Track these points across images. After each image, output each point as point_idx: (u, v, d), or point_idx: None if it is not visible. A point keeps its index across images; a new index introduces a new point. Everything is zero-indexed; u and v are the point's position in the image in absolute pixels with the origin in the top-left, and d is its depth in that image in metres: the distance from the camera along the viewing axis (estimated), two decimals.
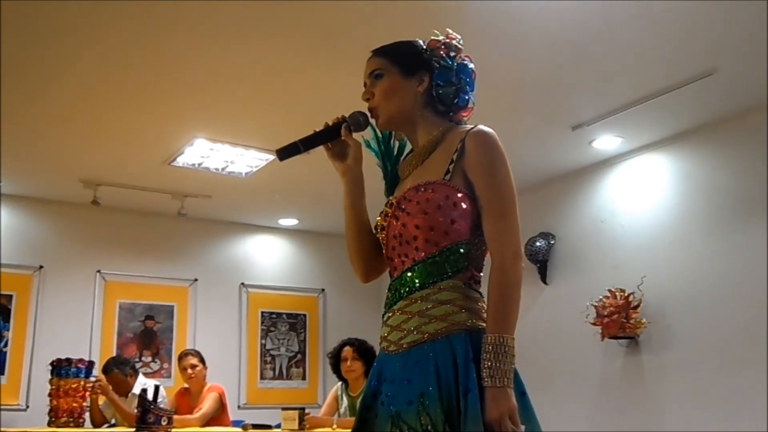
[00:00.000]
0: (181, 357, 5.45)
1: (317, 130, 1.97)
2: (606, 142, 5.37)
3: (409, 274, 1.82)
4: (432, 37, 2.00)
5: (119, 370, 5.31)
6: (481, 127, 1.88)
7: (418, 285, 1.80)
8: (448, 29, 2.02)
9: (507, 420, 1.63)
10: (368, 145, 2.09)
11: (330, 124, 1.97)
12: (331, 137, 1.97)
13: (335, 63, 4.07)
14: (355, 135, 2.01)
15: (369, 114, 1.97)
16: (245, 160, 5.67)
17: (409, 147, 2.07)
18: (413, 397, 1.69)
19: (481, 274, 1.86)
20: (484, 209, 1.80)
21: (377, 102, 1.94)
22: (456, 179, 1.82)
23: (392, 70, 1.93)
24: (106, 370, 5.28)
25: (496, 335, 1.69)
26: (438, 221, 1.78)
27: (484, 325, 1.76)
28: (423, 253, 1.80)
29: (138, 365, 6.14)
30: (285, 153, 1.97)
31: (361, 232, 2.00)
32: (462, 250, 1.81)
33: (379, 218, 1.95)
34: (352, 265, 2.04)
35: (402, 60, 1.94)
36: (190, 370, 5.33)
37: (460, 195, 1.80)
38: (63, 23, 3.70)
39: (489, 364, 1.66)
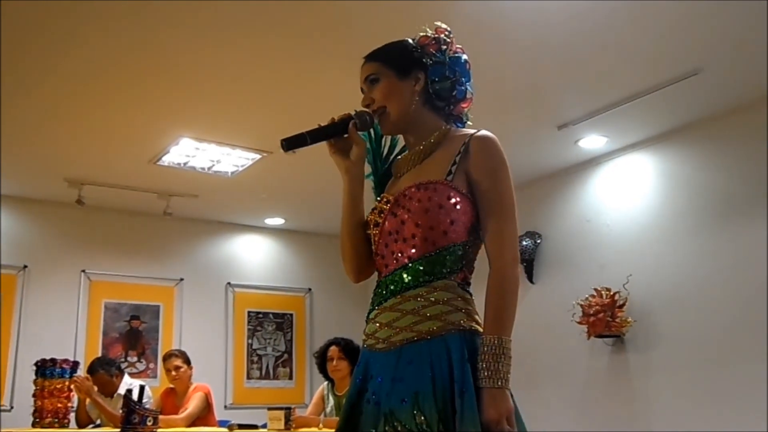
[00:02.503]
0: (166, 358, 5.43)
1: (322, 124, 1.92)
2: (592, 141, 5.39)
3: (403, 271, 1.81)
4: (421, 34, 2.00)
5: (105, 370, 5.28)
6: (485, 131, 1.90)
7: (411, 283, 1.79)
8: (436, 23, 2.02)
9: (504, 421, 1.64)
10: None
11: (336, 119, 1.93)
12: (337, 133, 1.93)
13: (321, 62, 4.07)
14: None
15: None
16: (231, 159, 5.66)
17: (401, 144, 2.06)
18: (407, 395, 1.68)
19: (471, 275, 1.86)
20: (486, 212, 1.82)
21: (379, 105, 1.92)
22: (457, 180, 1.82)
23: (387, 73, 1.93)
24: (92, 370, 5.25)
25: (495, 336, 1.70)
26: (438, 221, 1.79)
27: (477, 326, 1.77)
28: (419, 252, 1.80)
29: (123, 365, 6.12)
30: (291, 144, 1.88)
31: (357, 231, 1.96)
32: (459, 252, 1.81)
33: (372, 214, 1.93)
34: (344, 264, 2.00)
35: (395, 62, 1.94)
36: (174, 372, 5.30)
37: (461, 196, 1.81)
38: (47, 22, 3.67)
39: (487, 365, 1.67)
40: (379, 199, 1.95)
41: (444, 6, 3.49)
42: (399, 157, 2.05)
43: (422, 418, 1.64)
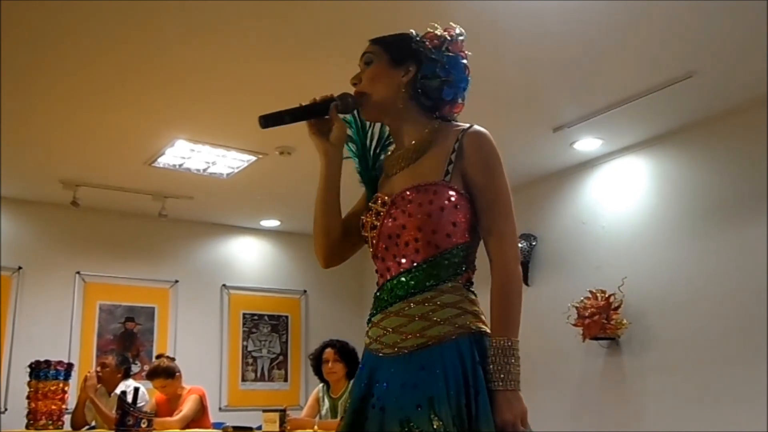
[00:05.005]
0: (150, 377, 5.24)
1: (303, 104, 1.90)
2: (587, 143, 5.39)
3: (407, 276, 1.77)
4: (428, 29, 1.96)
5: (117, 359, 5.28)
6: (477, 127, 1.86)
7: (417, 288, 1.75)
8: (451, 23, 1.98)
9: (519, 423, 1.66)
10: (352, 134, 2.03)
11: (318, 100, 1.91)
12: (317, 114, 1.90)
13: (318, 64, 4.06)
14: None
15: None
16: (226, 161, 5.66)
17: (389, 140, 2.03)
18: (422, 401, 1.66)
19: (474, 275, 1.85)
20: (485, 212, 1.79)
21: (364, 87, 1.90)
22: (455, 180, 1.79)
23: (382, 57, 1.90)
24: (108, 352, 5.28)
25: (504, 338, 1.71)
26: (441, 224, 1.75)
27: (484, 327, 1.76)
28: (423, 256, 1.76)
29: None
30: (269, 121, 1.87)
31: (331, 214, 1.94)
32: (462, 253, 1.79)
33: (367, 216, 1.88)
34: (316, 247, 1.98)
35: (392, 48, 1.91)
36: (160, 390, 5.25)
37: (460, 196, 1.78)
38: (41, 23, 3.66)
39: (499, 367, 1.68)
40: (373, 200, 1.90)
41: (440, 6, 3.49)
42: (389, 153, 2.00)
43: (440, 422, 1.62)
